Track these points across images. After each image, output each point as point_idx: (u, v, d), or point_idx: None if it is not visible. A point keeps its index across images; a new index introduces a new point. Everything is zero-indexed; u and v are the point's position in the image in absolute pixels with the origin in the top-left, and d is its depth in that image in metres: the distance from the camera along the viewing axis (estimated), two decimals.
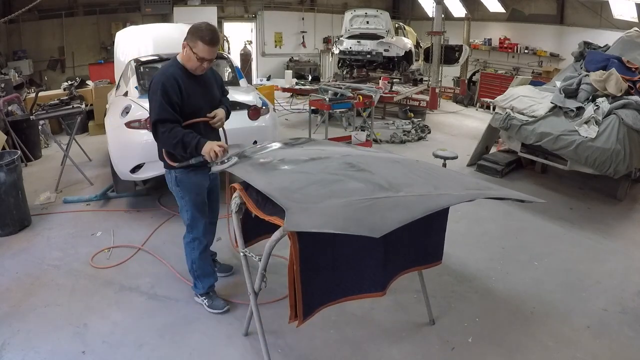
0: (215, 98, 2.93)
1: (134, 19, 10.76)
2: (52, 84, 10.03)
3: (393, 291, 3.06)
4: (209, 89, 2.88)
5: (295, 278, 2.13)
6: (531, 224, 4.58)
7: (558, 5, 11.62)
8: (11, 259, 3.76)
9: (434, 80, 10.43)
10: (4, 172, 4.03)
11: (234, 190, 2.54)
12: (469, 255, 3.91)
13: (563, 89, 5.20)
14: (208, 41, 2.58)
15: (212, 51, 2.63)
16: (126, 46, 5.90)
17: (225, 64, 5.60)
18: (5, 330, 2.87)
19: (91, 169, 5.88)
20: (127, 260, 3.74)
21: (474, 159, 6.33)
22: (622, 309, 3.22)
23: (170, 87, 2.61)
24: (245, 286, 2.53)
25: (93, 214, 4.65)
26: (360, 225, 1.86)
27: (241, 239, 2.60)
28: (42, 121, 5.64)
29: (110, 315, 3.04)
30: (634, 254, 4.02)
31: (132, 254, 3.83)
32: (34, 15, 9.92)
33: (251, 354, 2.71)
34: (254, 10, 13.31)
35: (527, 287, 3.46)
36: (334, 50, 11.09)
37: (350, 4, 14.01)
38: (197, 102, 2.75)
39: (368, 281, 2.46)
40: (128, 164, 4.31)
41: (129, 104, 4.45)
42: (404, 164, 2.69)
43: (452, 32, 11.77)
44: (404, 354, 2.74)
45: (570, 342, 2.86)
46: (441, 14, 10.10)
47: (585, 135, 4.63)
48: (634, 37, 5.84)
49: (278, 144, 3.07)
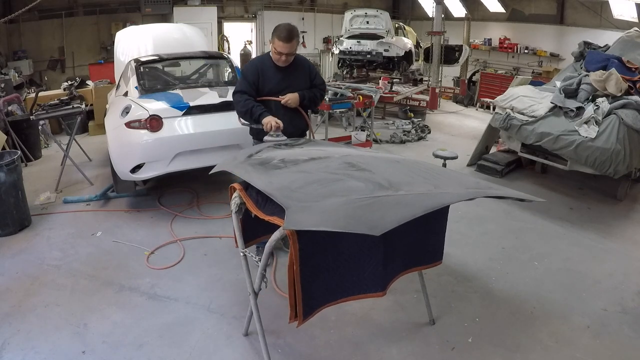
0: (297, 86, 3.41)
1: (134, 19, 10.75)
2: (52, 84, 10.02)
3: (393, 291, 3.06)
4: (292, 78, 3.40)
5: (295, 278, 2.13)
6: (531, 224, 4.58)
7: (558, 5, 11.62)
8: (11, 259, 3.76)
9: (434, 80, 10.43)
10: (4, 172, 4.03)
11: (234, 190, 2.54)
12: (469, 255, 3.91)
13: (563, 89, 5.20)
14: (283, 38, 3.15)
15: (285, 46, 3.18)
16: (126, 46, 5.90)
17: (225, 64, 5.60)
18: (5, 330, 2.87)
19: (91, 169, 5.89)
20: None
21: (474, 159, 6.33)
22: (622, 309, 3.22)
23: (250, 69, 3.40)
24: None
25: (93, 214, 4.65)
26: (360, 223, 1.85)
27: (241, 239, 2.60)
28: (42, 121, 5.65)
29: (110, 315, 3.04)
30: (634, 254, 4.02)
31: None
32: (34, 15, 9.91)
33: (251, 354, 2.71)
34: (254, 10, 13.31)
35: (527, 287, 3.46)
36: (334, 50, 11.08)
37: (350, 4, 14.01)
38: (273, 86, 3.35)
39: (368, 281, 2.46)
40: (128, 164, 4.31)
41: (129, 104, 4.45)
42: (404, 163, 2.68)
43: (452, 32, 11.76)
44: (404, 354, 2.74)
45: (570, 342, 2.86)
46: (441, 14, 10.10)
47: (585, 135, 4.63)
48: (634, 37, 5.84)
49: (278, 145, 3.07)
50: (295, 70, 3.42)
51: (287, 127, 3.28)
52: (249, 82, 3.34)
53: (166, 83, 5.06)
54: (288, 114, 3.38)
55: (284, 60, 3.28)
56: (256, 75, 3.34)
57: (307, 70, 3.52)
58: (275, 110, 3.35)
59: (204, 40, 6.51)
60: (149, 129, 4.22)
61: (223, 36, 12.49)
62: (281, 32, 3.15)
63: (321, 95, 3.62)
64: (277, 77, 3.36)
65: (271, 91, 3.37)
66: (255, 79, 3.33)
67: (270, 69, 3.36)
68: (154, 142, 4.25)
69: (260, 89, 3.36)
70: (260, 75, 3.34)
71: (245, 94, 3.32)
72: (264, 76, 3.35)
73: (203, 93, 4.72)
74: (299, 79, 3.45)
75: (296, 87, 3.42)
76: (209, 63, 5.71)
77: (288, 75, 3.39)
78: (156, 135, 4.24)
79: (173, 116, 4.34)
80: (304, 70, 3.49)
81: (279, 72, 3.36)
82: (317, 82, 3.56)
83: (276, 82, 3.37)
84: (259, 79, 3.34)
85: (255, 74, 3.34)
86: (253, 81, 3.33)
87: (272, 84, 3.36)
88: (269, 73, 3.35)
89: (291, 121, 3.38)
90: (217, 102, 4.55)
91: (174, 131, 4.33)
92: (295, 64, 3.41)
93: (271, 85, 3.37)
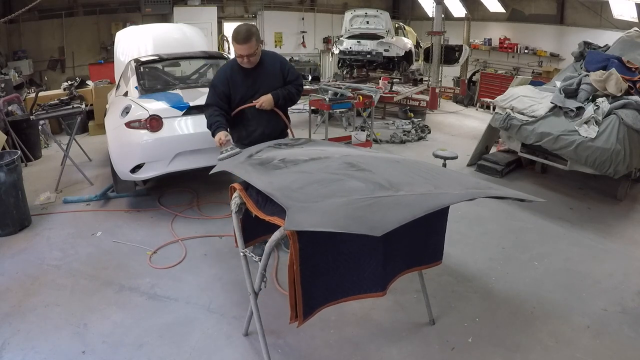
0: (269, 86, 3.35)
1: (134, 19, 10.75)
2: (52, 84, 10.03)
3: (393, 291, 3.06)
4: (262, 79, 3.34)
5: (295, 278, 2.13)
6: (531, 224, 4.58)
7: (558, 5, 11.62)
8: (11, 259, 3.76)
9: (434, 80, 10.43)
10: (4, 172, 4.03)
11: (234, 190, 2.54)
12: (469, 255, 3.91)
13: (563, 89, 5.20)
14: (239, 40, 3.11)
15: (243, 48, 3.12)
16: (126, 46, 5.90)
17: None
18: (5, 330, 2.87)
19: (91, 169, 5.89)
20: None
21: (474, 159, 6.33)
22: (622, 309, 3.22)
23: (219, 79, 3.36)
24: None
25: (93, 214, 4.65)
26: (360, 223, 1.85)
27: (241, 239, 2.60)
28: (42, 121, 5.66)
29: (110, 315, 3.04)
30: (633, 254, 4.02)
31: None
32: (34, 15, 9.92)
33: (251, 354, 2.71)
34: (254, 10, 13.31)
35: (527, 287, 3.46)
36: (334, 50, 11.09)
37: (350, 4, 14.01)
38: (245, 91, 3.31)
39: (368, 281, 2.46)
40: (128, 164, 4.31)
41: (129, 104, 4.45)
42: (404, 163, 2.68)
43: (452, 32, 11.77)
44: (404, 354, 2.74)
45: (570, 342, 2.86)
46: (441, 14, 10.10)
47: (585, 135, 4.63)
48: (634, 37, 5.84)
49: (278, 145, 3.07)
50: (265, 70, 3.36)
51: (265, 129, 3.35)
52: (217, 93, 3.31)
53: (166, 83, 5.06)
54: (265, 116, 3.37)
55: (247, 62, 3.22)
56: (226, 85, 3.30)
57: (279, 67, 3.43)
58: (251, 115, 3.36)
59: (204, 40, 6.51)
60: (149, 129, 4.22)
61: (223, 36, 12.50)
62: (237, 34, 3.12)
63: (297, 91, 3.52)
64: (247, 81, 3.32)
65: (243, 97, 3.33)
66: (225, 88, 3.30)
67: (239, 74, 3.31)
68: (154, 142, 4.25)
69: (233, 97, 3.33)
70: (230, 83, 3.30)
71: (213, 106, 3.30)
72: (233, 83, 3.30)
73: (203, 93, 4.68)
74: (270, 79, 3.38)
75: (268, 87, 3.35)
76: (209, 63, 5.70)
77: (257, 77, 3.33)
78: (156, 135, 4.24)
79: (173, 116, 4.34)
80: (274, 68, 3.41)
81: (248, 76, 3.31)
82: (291, 78, 3.48)
83: (247, 87, 3.33)
84: (229, 87, 3.30)
85: (225, 84, 3.30)
86: (222, 91, 3.30)
87: (242, 90, 3.32)
88: (238, 79, 3.31)
89: (268, 123, 3.40)
90: None
91: (174, 131, 4.33)
92: (264, 63, 3.35)
93: (242, 91, 3.33)
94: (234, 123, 3.39)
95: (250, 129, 3.41)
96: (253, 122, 3.38)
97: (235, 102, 3.34)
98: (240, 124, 3.42)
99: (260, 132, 3.38)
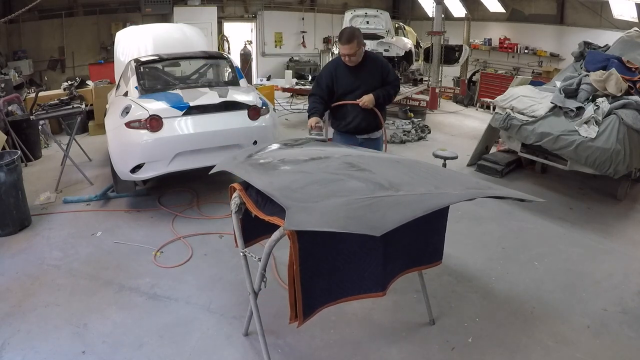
0: (369, 84, 3.64)
1: (134, 19, 10.74)
2: (52, 84, 10.02)
3: (393, 291, 3.06)
4: (363, 77, 3.63)
5: (295, 278, 2.13)
6: (531, 224, 4.58)
7: (558, 5, 11.61)
8: (11, 259, 3.76)
9: (434, 80, 10.42)
10: (4, 172, 4.03)
11: (234, 190, 2.54)
12: (469, 255, 3.91)
13: (563, 89, 5.20)
14: (342, 41, 3.47)
15: (345, 48, 3.46)
16: (126, 46, 5.90)
17: (225, 64, 5.60)
18: (5, 330, 2.87)
19: (91, 169, 5.88)
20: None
21: (474, 159, 6.33)
22: (622, 309, 3.22)
23: (325, 73, 3.74)
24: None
25: (93, 214, 4.64)
26: (360, 223, 1.85)
27: (241, 239, 2.60)
28: (42, 121, 5.64)
29: (110, 315, 3.04)
30: (633, 254, 4.02)
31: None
32: (34, 15, 9.91)
33: (251, 354, 2.71)
34: (254, 10, 13.30)
35: (527, 287, 3.46)
36: (334, 50, 11.07)
37: (350, 4, 14.00)
38: (347, 85, 3.63)
39: (368, 281, 2.46)
40: (128, 164, 4.31)
41: (129, 104, 4.45)
42: (404, 163, 2.68)
43: (452, 32, 11.75)
44: (404, 354, 2.74)
45: (570, 342, 2.86)
46: (441, 14, 10.09)
47: (585, 135, 4.63)
48: (634, 37, 5.84)
49: (278, 145, 3.07)
50: (367, 68, 3.66)
51: (361, 122, 3.68)
52: (321, 85, 3.69)
53: (166, 83, 5.06)
54: (362, 112, 3.67)
55: (349, 60, 3.55)
56: (330, 78, 3.65)
57: (380, 67, 3.72)
58: (351, 108, 3.67)
59: (204, 40, 6.52)
60: (149, 129, 4.22)
61: (223, 36, 12.49)
62: (341, 35, 3.50)
63: (395, 92, 3.84)
64: (350, 77, 3.64)
65: (345, 90, 3.66)
66: (328, 81, 3.65)
67: (343, 70, 3.65)
68: (154, 142, 4.25)
69: (336, 90, 3.67)
70: (334, 77, 3.65)
71: (314, 95, 3.69)
72: (337, 78, 3.65)
73: (203, 93, 4.72)
74: (371, 77, 3.67)
75: (368, 85, 3.65)
76: (209, 63, 5.71)
77: (359, 74, 3.64)
78: (156, 135, 4.24)
79: (173, 116, 4.34)
80: (376, 68, 3.70)
81: (350, 72, 3.63)
82: (390, 79, 3.76)
83: (349, 82, 3.64)
84: (332, 81, 3.65)
85: (329, 77, 3.66)
86: (326, 84, 3.66)
87: (345, 84, 3.65)
88: (342, 74, 3.65)
89: (365, 118, 3.69)
90: (217, 102, 4.55)
91: (174, 131, 4.33)
92: (367, 62, 3.65)
93: (345, 86, 3.65)
94: (335, 112, 3.76)
95: (348, 119, 3.72)
96: (351, 114, 3.68)
97: (338, 94, 3.68)
98: (340, 114, 3.74)
99: (355, 125, 3.70)
